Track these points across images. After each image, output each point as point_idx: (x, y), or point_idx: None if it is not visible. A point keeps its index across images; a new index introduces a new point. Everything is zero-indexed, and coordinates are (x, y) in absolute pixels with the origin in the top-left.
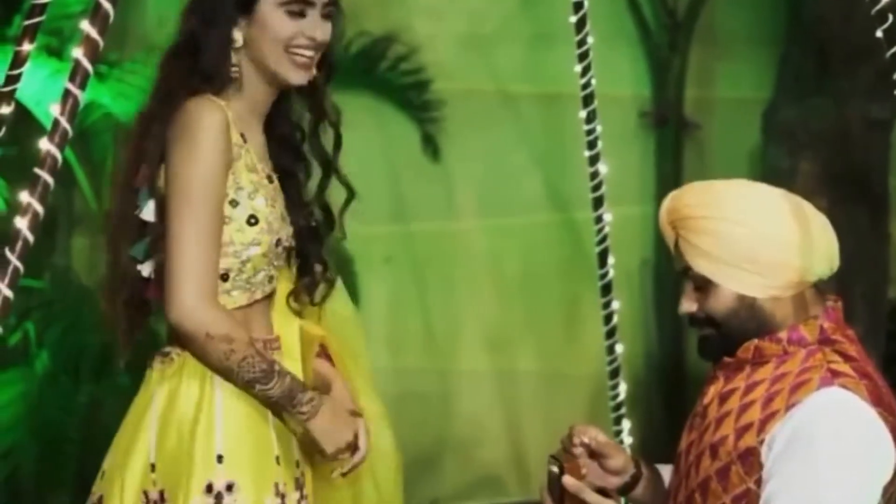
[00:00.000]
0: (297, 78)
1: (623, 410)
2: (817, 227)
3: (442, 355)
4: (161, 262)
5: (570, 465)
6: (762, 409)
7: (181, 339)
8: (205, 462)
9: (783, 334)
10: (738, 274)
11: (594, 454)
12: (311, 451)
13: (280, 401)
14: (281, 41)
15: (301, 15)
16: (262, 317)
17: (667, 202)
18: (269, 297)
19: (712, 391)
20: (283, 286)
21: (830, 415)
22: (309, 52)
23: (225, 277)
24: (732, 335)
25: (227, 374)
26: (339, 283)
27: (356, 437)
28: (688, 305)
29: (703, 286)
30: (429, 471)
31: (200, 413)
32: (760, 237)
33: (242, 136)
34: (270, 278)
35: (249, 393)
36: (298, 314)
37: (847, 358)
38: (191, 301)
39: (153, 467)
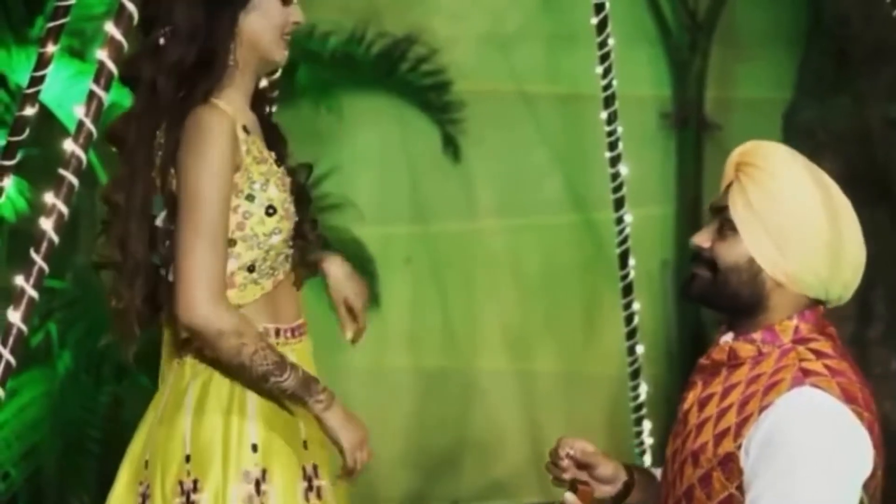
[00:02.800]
0: (283, 59)
1: (644, 412)
2: (854, 257)
3: (462, 355)
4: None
5: (582, 490)
6: (738, 414)
7: (195, 338)
8: (240, 451)
9: (757, 335)
10: (762, 239)
11: (582, 465)
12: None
13: (296, 391)
14: (279, 27)
15: (289, 1)
16: (289, 297)
17: (746, 145)
18: (289, 277)
19: (691, 397)
20: None
21: (802, 415)
22: (289, 36)
23: (252, 269)
24: (723, 289)
25: (240, 370)
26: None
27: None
28: (702, 239)
29: (726, 231)
30: (449, 471)
31: (233, 404)
32: (805, 227)
33: (245, 128)
34: (287, 257)
35: (264, 388)
36: (298, 288)
37: (820, 355)
38: (202, 302)
39: (188, 458)
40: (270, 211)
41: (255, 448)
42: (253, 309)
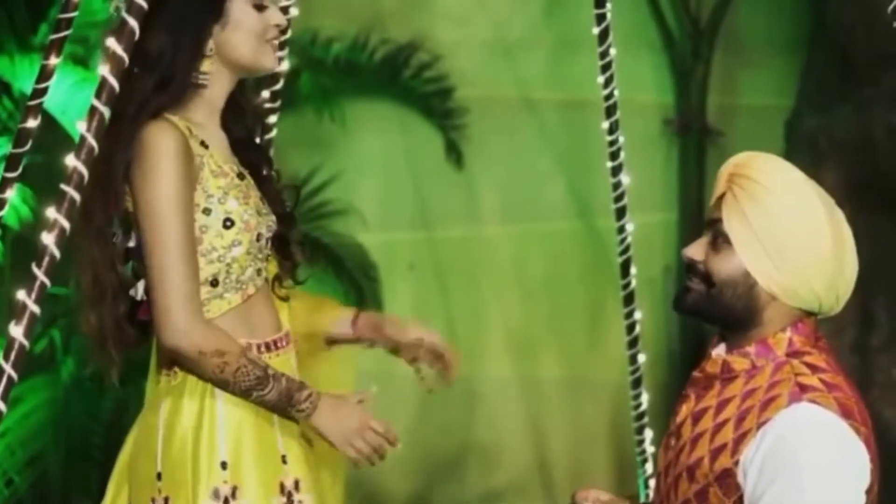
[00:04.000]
0: (274, 63)
1: (646, 420)
2: (848, 269)
3: (465, 361)
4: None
5: None
6: (735, 429)
7: (177, 358)
8: (209, 469)
9: (751, 348)
10: (757, 252)
11: None
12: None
13: (278, 404)
14: (258, 35)
15: (264, 6)
16: (264, 311)
17: (739, 156)
18: (265, 290)
19: (685, 410)
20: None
21: (802, 432)
22: (277, 39)
23: (215, 283)
24: (718, 302)
25: (223, 386)
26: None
27: (369, 424)
28: (695, 252)
29: (720, 244)
30: (452, 476)
31: (203, 422)
32: (800, 240)
33: (203, 143)
34: (259, 271)
35: (248, 401)
36: (285, 299)
37: (815, 369)
38: (181, 323)
39: (159, 476)
40: (228, 223)
41: (224, 465)
42: (223, 323)
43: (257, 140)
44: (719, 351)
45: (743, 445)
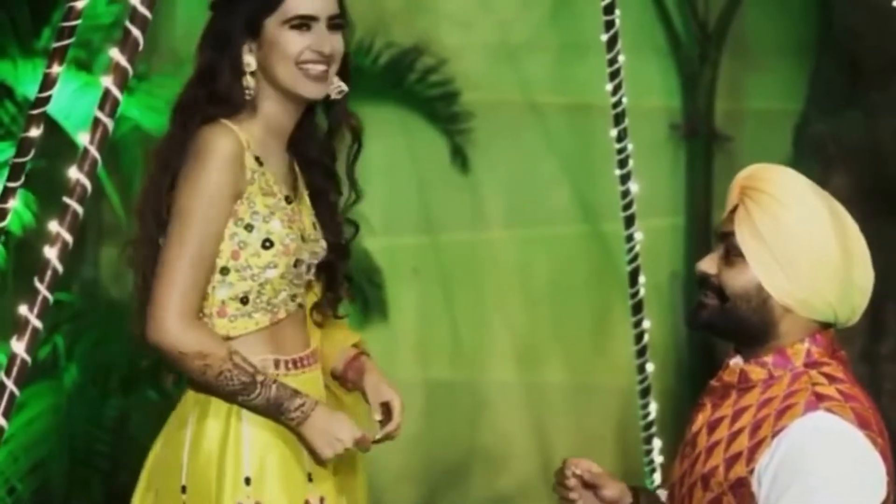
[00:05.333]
0: (313, 91)
1: (654, 430)
2: (862, 280)
3: (470, 366)
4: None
5: None
6: (750, 438)
7: (162, 357)
8: (234, 484)
9: (769, 358)
10: (770, 265)
11: (588, 485)
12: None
13: (267, 410)
14: (291, 57)
15: (307, 29)
16: (293, 333)
17: (751, 168)
18: (297, 314)
19: (700, 419)
20: (308, 298)
21: (818, 441)
22: (320, 66)
23: (245, 301)
24: (733, 316)
25: (209, 389)
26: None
27: (358, 442)
28: (708, 266)
29: (733, 257)
30: (457, 482)
31: (228, 436)
32: (814, 253)
33: (258, 159)
34: (294, 297)
35: (234, 404)
36: (320, 325)
37: (832, 380)
38: (167, 321)
39: (184, 489)
40: (267, 244)
41: (248, 481)
42: (248, 341)
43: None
44: (736, 360)
45: (758, 454)
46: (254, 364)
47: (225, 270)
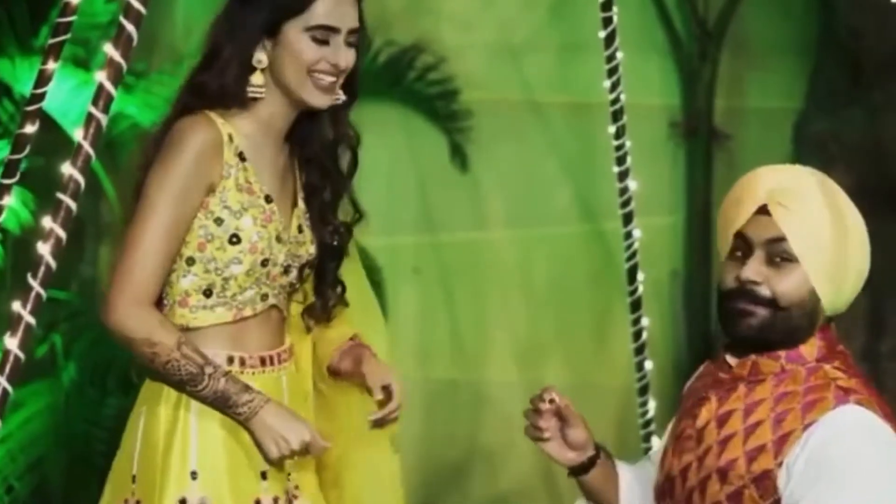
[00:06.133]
0: (319, 101)
1: (653, 427)
2: (864, 276)
3: (471, 366)
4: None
5: None
6: (773, 430)
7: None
8: (179, 478)
9: (782, 351)
10: (826, 270)
11: (560, 418)
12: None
13: (214, 402)
14: (304, 65)
15: (325, 42)
16: (260, 333)
17: (777, 172)
18: (268, 313)
19: (705, 413)
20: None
21: (853, 433)
22: (331, 78)
23: (208, 293)
24: (787, 324)
25: (158, 376)
26: None
27: (306, 444)
28: (755, 273)
29: (781, 263)
30: (457, 482)
31: (176, 429)
32: (863, 258)
33: (241, 154)
34: (264, 297)
35: (185, 393)
36: (310, 330)
37: (848, 374)
38: (119, 305)
39: (134, 478)
40: (234, 240)
41: (194, 475)
42: (209, 334)
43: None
44: (730, 356)
45: (787, 446)
46: (205, 355)
47: (191, 261)
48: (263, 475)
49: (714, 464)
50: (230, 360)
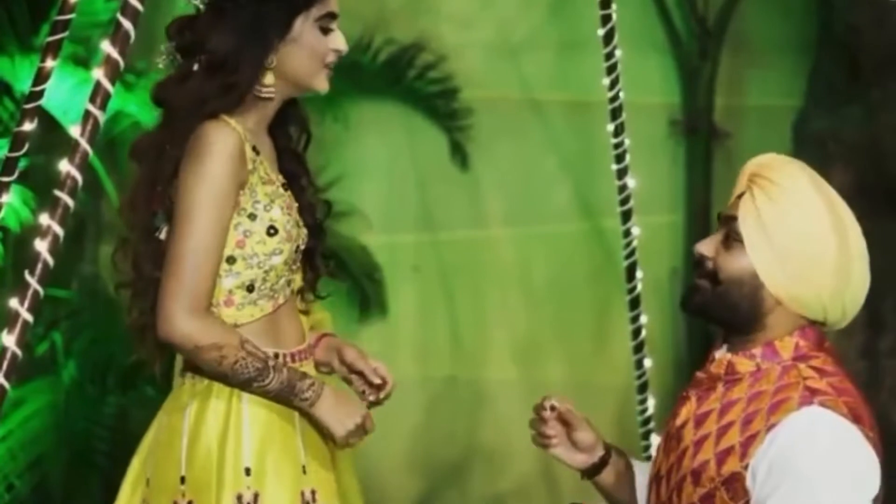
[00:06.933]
0: (325, 87)
1: (652, 425)
2: (858, 282)
3: (470, 364)
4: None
5: None
6: (741, 432)
7: (175, 350)
8: (234, 475)
9: (757, 350)
10: (768, 254)
11: (565, 423)
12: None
13: (280, 394)
14: (319, 56)
15: (330, 29)
16: (290, 321)
17: (764, 158)
18: (292, 301)
19: (685, 412)
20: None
21: (813, 435)
22: (334, 64)
23: (251, 289)
24: (723, 300)
25: (223, 379)
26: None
27: (366, 418)
28: (707, 248)
29: (732, 242)
30: (456, 481)
31: (228, 427)
32: (812, 249)
33: (255, 149)
34: (289, 282)
35: (247, 391)
36: (306, 313)
37: (823, 373)
38: (178, 316)
39: (183, 479)
40: (272, 231)
41: (248, 471)
42: (253, 330)
43: (298, 150)
44: (723, 352)
45: (752, 448)
46: (264, 350)
47: (231, 259)
48: (304, 469)
49: (689, 465)
50: (275, 357)
